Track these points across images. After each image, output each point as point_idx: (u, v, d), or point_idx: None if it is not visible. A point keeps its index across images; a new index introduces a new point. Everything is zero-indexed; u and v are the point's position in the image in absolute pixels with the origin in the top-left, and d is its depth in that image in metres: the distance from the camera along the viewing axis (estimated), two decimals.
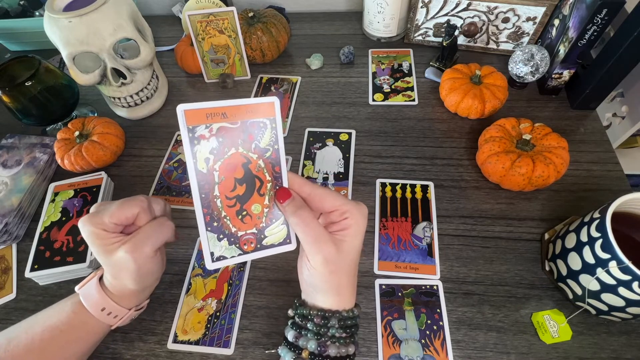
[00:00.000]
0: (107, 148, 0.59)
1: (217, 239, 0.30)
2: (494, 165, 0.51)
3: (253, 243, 0.32)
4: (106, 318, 0.39)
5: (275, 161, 0.31)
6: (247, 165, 0.30)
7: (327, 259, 0.31)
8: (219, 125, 0.28)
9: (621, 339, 0.43)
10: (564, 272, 0.43)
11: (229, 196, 0.30)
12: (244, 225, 0.31)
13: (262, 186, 0.31)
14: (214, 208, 0.30)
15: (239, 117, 0.28)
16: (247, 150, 0.30)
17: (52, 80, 0.60)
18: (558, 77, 0.62)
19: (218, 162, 0.29)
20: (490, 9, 0.67)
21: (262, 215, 0.32)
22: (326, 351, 0.32)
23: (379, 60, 0.74)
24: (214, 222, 0.30)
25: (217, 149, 0.28)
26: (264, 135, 0.30)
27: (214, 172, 0.29)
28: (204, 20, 0.66)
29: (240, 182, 0.30)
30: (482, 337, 0.44)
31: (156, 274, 0.40)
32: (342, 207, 0.32)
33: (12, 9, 0.82)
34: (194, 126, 0.27)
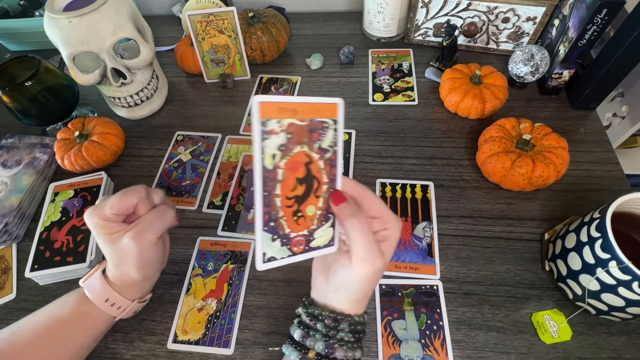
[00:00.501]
0: (107, 148, 0.59)
1: (271, 239, 0.29)
2: (494, 165, 0.51)
3: (302, 245, 0.31)
4: (110, 309, 0.39)
5: (333, 163, 0.30)
6: (309, 164, 0.29)
7: (377, 270, 0.30)
8: (290, 121, 0.27)
9: (621, 339, 0.43)
10: (564, 272, 0.43)
11: (288, 196, 0.29)
12: (298, 226, 0.30)
13: (319, 188, 0.30)
14: (273, 207, 0.28)
15: (308, 114, 0.28)
16: (311, 150, 0.29)
17: (52, 80, 0.60)
18: (558, 77, 0.62)
19: (284, 159, 0.28)
20: (490, 9, 0.67)
21: (315, 218, 0.31)
22: (333, 353, 0.32)
23: (379, 60, 0.74)
24: (271, 222, 0.29)
25: (284, 146, 0.27)
26: (327, 136, 0.29)
27: (278, 169, 0.28)
28: (204, 20, 0.66)
29: (300, 182, 0.29)
30: (482, 337, 0.44)
31: (158, 263, 0.40)
32: (385, 216, 0.32)
33: (12, 9, 0.82)
34: (266, 120, 0.26)
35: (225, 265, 0.51)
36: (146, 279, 0.41)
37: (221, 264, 0.51)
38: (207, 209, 0.56)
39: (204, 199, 0.57)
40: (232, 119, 0.68)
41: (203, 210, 0.56)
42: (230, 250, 0.52)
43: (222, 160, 0.62)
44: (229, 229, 0.54)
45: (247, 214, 0.55)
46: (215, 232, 0.54)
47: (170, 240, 0.53)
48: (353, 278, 0.31)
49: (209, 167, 0.61)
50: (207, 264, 0.51)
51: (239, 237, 0.53)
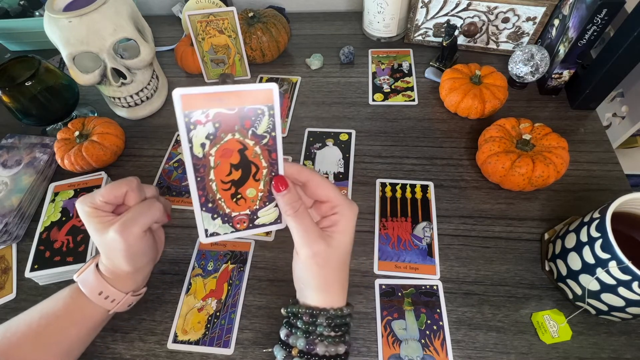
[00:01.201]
0: (107, 148, 0.59)
1: (212, 217, 0.31)
2: (494, 165, 0.51)
3: (245, 222, 0.33)
4: (103, 302, 0.39)
5: (272, 148, 0.31)
6: (243, 151, 0.30)
7: (316, 253, 0.31)
8: (216, 110, 0.28)
9: (621, 339, 0.43)
10: (564, 272, 0.43)
11: (224, 180, 0.30)
12: (238, 207, 0.32)
13: (258, 172, 0.31)
14: (209, 190, 0.30)
15: (237, 103, 0.28)
16: (244, 137, 0.30)
17: (52, 80, 0.60)
18: (558, 77, 0.62)
19: (214, 147, 0.29)
20: (490, 9, 0.67)
21: (257, 199, 0.32)
22: (314, 349, 0.32)
23: (379, 60, 0.74)
24: (209, 203, 0.31)
25: (213, 135, 0.28)
26: (262, 122, 0.30)
27: (209, 157, 0.29)
28: (204, 20, 0.66)
29: (236, 167, 0.30)
30: (482, 337, 0.44)
31: (148, 254, 0.40)
32: (334, 200, 0.32)
33: (12, 9, 0.82)
34: (190, 111, 0.27)
35: (225, 265, 0.51)
36: (138, 272, 0.40)
37: (221, 264, 0.51)
38: None
39: None
40: None
41: None
42: (230, 250, 0.52)
43: None
44: None
45: None
46: None
47: (167, 239, 0.53)
48: (301, 266, 0.32)
49: None
50: (207, 264, 0.51)
51: (239, 237, 0.53)
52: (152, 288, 0.50)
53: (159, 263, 0.51)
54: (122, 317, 0.47)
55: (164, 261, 0.52)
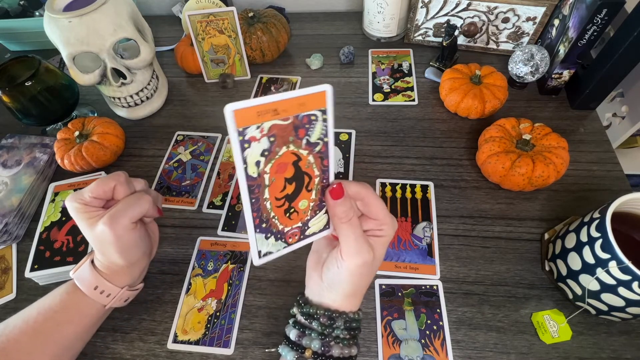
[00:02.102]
0: (107, 148, 0.59)
1: (265, 237, 0.29)
2: (494, 165, 0.51)
3: (297, 235, 0.31)
4: (99, 297, 0.39)
5: (324, 154, 0.29)
6: (297, 162, 0.28)
7: (364, 262, 0.31)
8: (271, 123, 0.25)
9: (621, 339, 0.43)
10: (564, 272, 0.43)
11: (278, 197, 0.28)
12: (291, 221, 0.30)
13: (310, 182, 0.29)
14: (263, 210, 0.28)
15: (291, 111, 0.25)
16: (298, 147, 0.27)
17: (52, 80, 0.60)
18: (558, 77, 0.62)
19: (269, 164, 0.26)
20: (490, 9, 0.67)
21: (308, 210, 0.31)
22: (330, 351, 0.32)
23: (379, 60, 0.74)
24: (263, 223, 0.29)
25: (268, 150, 0.26)
26: (315, 129, 0.27)
27: (264, 175, 0.26)
28: (204, 20, 0.66)
29: (289, 181, 0.28)
30: (482, 337, 0.44)
31: (141, 247, 0.40)
32: (383, 219, 0.32)
33: (12, 9, 0.82)
34: (244, 128, 0.24)
35: (225, 265, 0.51)
36: (132, 266, 0.40)
37: (221, 264, 0.51)
38: (207, 209, 0.56)
39: (204, 199, 0.57)
40: None
41: (203, 210, 0.56)
42: (230, 250, 0.52)
43: (222, 160, 0.62)
44: (229, 229, 0.54)
45: None
46: (215, 232, 0.54)
47: (167, 239, 0.53)
48: (343, 271, 0.31)
49: (209, 167, 0.61)
50: (207, 264, 0.51)
51: (239, 237, 0.53)
52: (152, 288, 0.50)
53: (159, 263, 0.51)
54: (122, 317, 0.47)
55: (164, 261, 0.52)
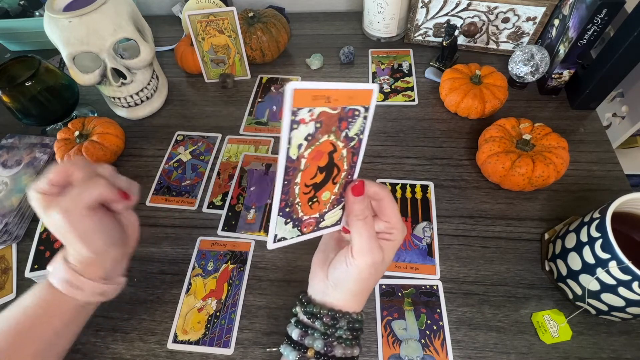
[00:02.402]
0: (107, 148, 0.59)
1: (284, 223, 0.30)
2: (494, 165, 0.51)
3: (312, 226, 0.32)
4: (71, 291, 0.38)
5: (356, 151, 0.30)
6: (332, 153, 0.28)
7: (374, 261, 0.31)
8: (321, 109, 0.25)
9: (621, 339, 0.43)
10: (564, 272, 0.43)
11: (307, 184, 0.29)
12: (311, 210, 0.30)
13: (338, 175, 0.30)
14: (291, 194, 0.28)
15: (341, 102, 0.26)
16: (337, 139, 0.28)
17: (52, 80, 0.60)
18: (558, 77, 0.62)
19: (309, 149, 0.27)
20: (490, 9, 0.67)
21: (329, 202, 0.31)
22: (332, 351, 0.32)
23: (379, 60, 0.74)
24: (287, 207, 0.29)
25: (312, 135, 0.26)
26: (355, 124, 0.28)
27: (302, 159, 0.27)
28: (204, 20, 0.66)
29: (321, 170, 0.29)
30: (482, 337, 0.44)
31: (104, 235, 0.37)
32: (395, 223, 0.32)
33: (12, 9, 0.82)
34: (298, 108, 0.24)
35: (225, 265, 0.51)
36: (101, 256, 0.38)
37: (221, 264, 0.51)
38: (207, 209, 0.56)
39: (204, 199, 0.57)
40: (232, 119, 0.68)
41: (203, 210, 0.56)
42: (230, 250, 0.52)
43: (222, 160, 0.62)
44: (229, 229, 0.54)
45: (247, 214, 0.55)
46: (215, 232, 0.54)
47: (167, 239, 0.53)
48: (352, 270, 0.31)
49: (209, 167, 0.61)
50: (207, 264, 0.51)
51: (239, 237, 0.53)
52: (152, 288, 0.50)
53: (159, 263, 0.51)
54: (122, 317, 0.48)
55: (164, 261, 0.52)
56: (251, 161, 0.61)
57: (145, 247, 0.53)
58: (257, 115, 0.68)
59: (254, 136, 0.65)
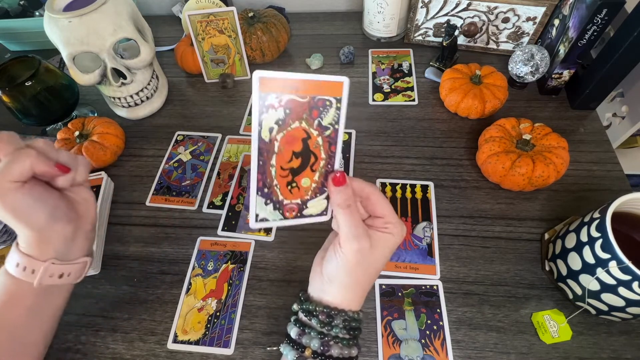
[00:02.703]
0: (107, 148, 0.59)
1: (264, 203, 0.31)
2: (494, 165, 0.51)
3: (295, 211, 0.33)
4: (23, 274, 0.36)
5: (332, 140, 0.31)
6: (306, 140, 0.30)
7: (361, 248, 0.31)
8: (289, 97, 0.28)
9: (621, 339, 0.43)
10: (564, 272, 0.43)
11: (283, 167, 0.31)
12: (291, 195, 0.32)
13: (316, 163, 0.32)
14: (268, 176, 0.30)
15: (309, 92, 0.29)
16: (310, 126, 0.30)
17: (52, 80, 0.60)
18: (558, 77, 0.62)
19: (280, 133, 0.29)
20: (490, 9, 0.67)
21: (309, 190, 0.32)
22: (329, 351, 0.32)
23: (379, 60, 0.74)
24: (265, 188, 0.31)
25: (282, 120, 0.29)
26: (328, 114, 0.30)
27: (274, 142, 0.29)
28: (204, 20, 0.66)
29: (296, 155, 0.31)
30: (482, 337, 0.44)
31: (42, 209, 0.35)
32: (389, 217, 0.33)
33: (12, 9, 0.82)
34: (266, 93, 0.27)
35: (225, 265, 0.51)
36: (45, 232, 0.36)
37: (221, 264, 0.51)
38: (207, 209, 0.56)
39: (204, 199, 0.57)
40: (232, 119, 0.68)
41: (203, 210, 0.56)
42: (230, 250, 0.52)
43: (222, 160, 0.62)
44: (229, 229, 0.54)
45: (247, 214, 0.55)
46: (215, 232, 0.54)
47: (167, 239, 0.53)
48: (340, 260, 0.32)
49: (209, 167, 0.61)
50: (207, 264, 0.51)
51: (239, 237, 0.53)
52: (152, 288, 0.50)
53: (159, 263, 0.51)
54: (122, 317, 0.48)
55: (164, 261, 0.52)
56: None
57: (145, 247, 0.53)
58: None
59: None
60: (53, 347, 0.46)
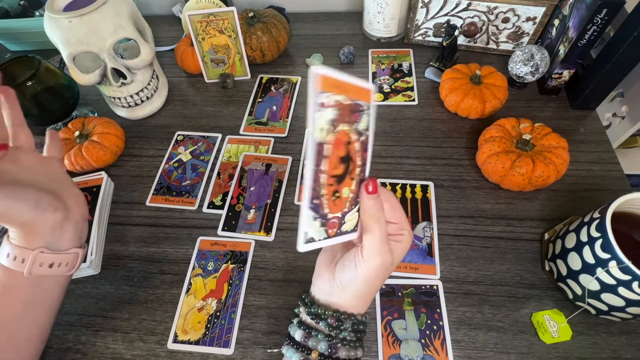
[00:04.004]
0: (107, 148, 0.59)
1: (313, 218, 0.28)
2: (494, 165, 0.51)
3: (336, 227, 0.30)
4: (15, 264, 0.37)
5: (365, 147, 0.30)
6: (348, 145, 0.28)
7: (384, 263, 0.31)
8: (337, 97, 0.26)
9: (621, 339, 0.43)
10: (564, 272, 0.43)
11: (331, 174, 0.28)
12: (335, 207, 0.29)
13: (353, 169, 0.30)
14: (318, 184, 0.27)
15: (352, 95, 0.27)
16: (351, 130, 0.28)
17: (52, 80, 0.60)
18: (558, 77, 0.62)
19: (330, 135, 0.27)
20: (490, 9, 0.67)
21: (348, 200, 0.30)
22: (336, 353, 0.31)
23: (379, 60, 0.74)
24: (316, 199, 0.28)
25: (333, 121, 0.27)
26: (362, 119, 0.29)
27: (325, 144, 0.27)
28: (204, 20, 0.66)
29: (341, 161, 0.28)
30: (482, 337, 0.44)
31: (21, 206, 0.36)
32: (404, 224, 0.33)
33: (12, 9, 0.82)
34: (320, 92, 0.25)
35: (225, 265, 0.51)
36: (32, 224, 0.37)
37: (221, 264, 0.51)
38: (207, 209, 0.56)
39: (204, 199, 0.57)
40: (232, 119, 0.68)
41: (203, 210, 0.56)
42: (230, 250, 0.52)
43: (222, 160, 0.62)
44: (229, 229, 0.54)
45: (247, 213, 0.55)
46: (215, 232, 0.54)
47: (167, 239, 0.53)
48: (361, 271, 0.31)
49: (209, 167, 0.61)
50: (207, 264, 0.51)
51: (239, 237, 0.53)
52: (152, 288, 0.50)
53: (159, 263, 0.52)
54: (122, 317, 0.48)
55: (164, 261, 0.52)
56: (251, 161, 0.61)
57: (145, 247, 0.53)
58: (257, 115, 0.68)
59: (254, 136, 0.65)
60: (53, 347, 0.46)
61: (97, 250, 0.52)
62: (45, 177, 0.40)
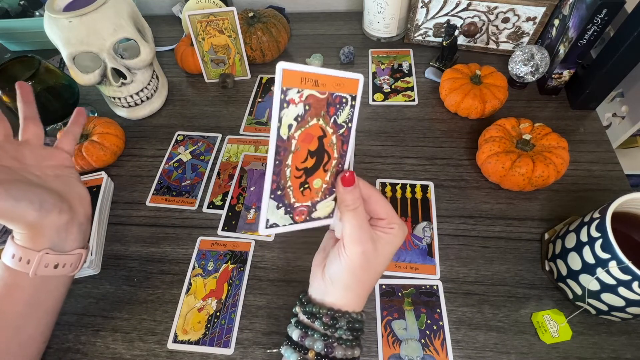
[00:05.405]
0: (107, 148, 0.59)
1: (276, 207, 0.29)
2: (494, 165, 0.51)
3: (304, 215, 0.31)
4: (20, 265, 0.37)
5: (345, 139, 0.31)
6: (322, 138, 0.29)
7: (365, 251, 0.31)
8: (310, 92, 0.26)
9: (621, 339, 0.43)
10: (564, 272, 0.43)
11: (298, 167, 0.29)
12: (303, 197, 0.31)
13: (328, 162, 0.30)
14: (282, 177, 0.28)
15: (328, 87, 0.27)
16: (326, 124, 0.29)
17: (52, 80, 0.60)
18: (558, 77, 0.62)
19: (299, 130, 0.27)
20: (490, 9, 0.67)
21: (320, 191, 0.31)
22: (333, 352, 0.31)
23: (379, 60, 0.74)
24: (279, 190, 0.29)
25: (301, 117, 0.27)
26: (343, 111, 0.29)
27: (292, 140, 0.27)
28: (204, 20, 0.66)
29: (312, 154, 0.29)
30: (482, 337, 0.44)
31: (27, 206, 0.36)
32: (392, 218, 0.33)
33: (12, 9, 0.82)
34: (287, 88, 0.25)
35: (225, 265, 0.51)
36: (38, 225, 0.37)
37: (221, 264, 0.51)
38: (207, 209, 0.56)
39: (204, 199, 0.57)
40: (232, 119, 0.68)
41: (203, 210, 0.56)
42: (230, 250, 0.52)
43: (222, 160, 0.62)
44: (229, 229, 0.54)
45: (247, 213, 0.55)
46: (215, 232, 0.54)
47: (167, 239, 0.53)
48: (344, 261, 0.32)
49: (209, 167, 0.61)
50: (207, 264, 0.51)
51: (239, 237, 0.53)
52: (152, 288, 0.50)
53: (159, 263, 0.52)
54: (122, 317, 0.48)
55: (164, 261, 0.52)
56: (251, 161, 0.61)
57: (145, 247, 0.53)
58: (257, 115, 0.68)
59: (254, 136, 0.65)
60: (53, 347, 0.46)
61: (97, 250, 0.52)
62: (51, 174, 0.41)
